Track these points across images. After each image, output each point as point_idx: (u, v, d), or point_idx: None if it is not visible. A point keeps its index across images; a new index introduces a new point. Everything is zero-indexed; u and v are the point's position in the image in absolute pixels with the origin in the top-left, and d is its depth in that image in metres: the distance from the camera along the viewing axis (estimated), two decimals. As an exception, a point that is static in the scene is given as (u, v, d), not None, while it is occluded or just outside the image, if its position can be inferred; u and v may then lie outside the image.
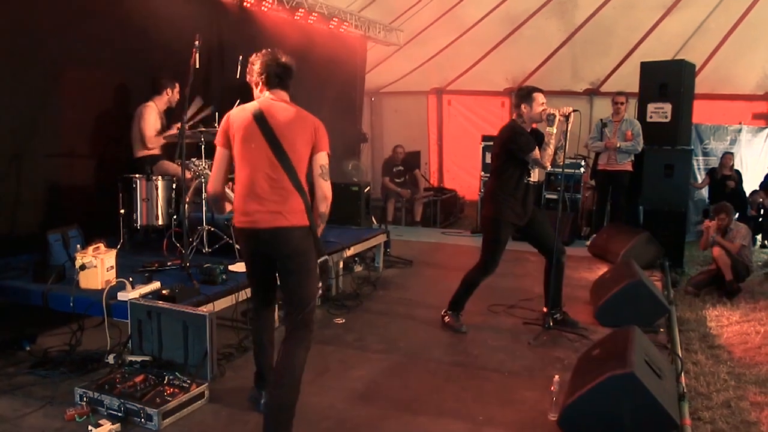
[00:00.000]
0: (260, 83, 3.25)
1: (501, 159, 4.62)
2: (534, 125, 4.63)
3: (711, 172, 9.18)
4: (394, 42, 10.43)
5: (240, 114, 3.16)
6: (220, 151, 3.20)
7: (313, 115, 3.22)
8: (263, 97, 3.22)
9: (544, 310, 4.85)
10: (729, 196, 8.51)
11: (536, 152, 4.43)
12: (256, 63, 3.27)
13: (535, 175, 4.64)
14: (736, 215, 8.13)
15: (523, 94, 4.57)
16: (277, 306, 3.67)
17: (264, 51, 3.28)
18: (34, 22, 4.94)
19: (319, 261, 3.14)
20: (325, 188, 3.14)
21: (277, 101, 3.18)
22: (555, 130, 4.44)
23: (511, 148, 4.52)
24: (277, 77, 3.21)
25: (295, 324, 3.06)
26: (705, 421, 3.76)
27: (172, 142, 5.64)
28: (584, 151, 8.56)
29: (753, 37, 9.58)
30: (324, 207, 3.16)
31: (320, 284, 3.22)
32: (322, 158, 3.14)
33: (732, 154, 9.11)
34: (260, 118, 3.09)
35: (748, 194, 9.03)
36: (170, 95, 5.77)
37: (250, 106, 3.17)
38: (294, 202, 3.06)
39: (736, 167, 9.30)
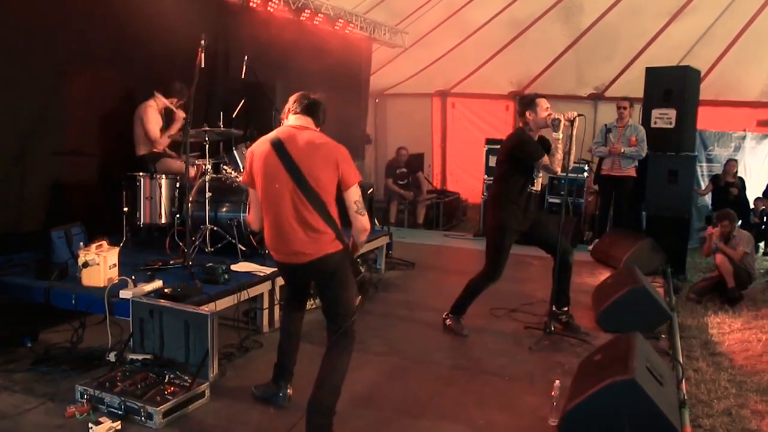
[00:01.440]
0: (288, 111, 3.27)
1: (506, 166, 4.61)
2: (540, 132, 4.62)
3: (714, 179, 9.16)
4: (399, 44, 10.44)
5: (260, 148, 3.16)
6: (251, 193, 3.26)
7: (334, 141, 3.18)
8: (285, 124, 3.24)
9: (553, 309, 4.82)
10: (732, 203, 8.50)
11: (545, 159, 4.44)
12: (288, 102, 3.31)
13: (537, 185, 4.65)
14: (739, 222, 8.12)
15: (527, 102, 4.57)
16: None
17: None
18: (38, 22, 4.96)
19: (357, 279, 3.26)
20: (363, 223, 3.14)
21: (299, 128, 3.16)
22: (561, 135, 4.43)
23: (519, 156, 4.52)
24: (304, 104, 3.23)
25: (339, 334, 3.13)
26: (705, 428, 3.75)
27: (177, 141, 5.65)
28: (588, 155, 8.55)
29: (758, 44, 9.59)
30: (363, 238, 3.23)
31: (359, 297, 3.32)
32: (354, 193, 3.10)
33: (736, 160, 9.10)
34: (279, 147, 3.07)
35: (751, 201, 9.01)
36: (173, 103, 5.75)
37: (270, 135, 3.17)
38: (325, 236, 3.08)
39: (739, 174, 9.29)
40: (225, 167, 4.20)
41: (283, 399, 3.52)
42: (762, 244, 8.97)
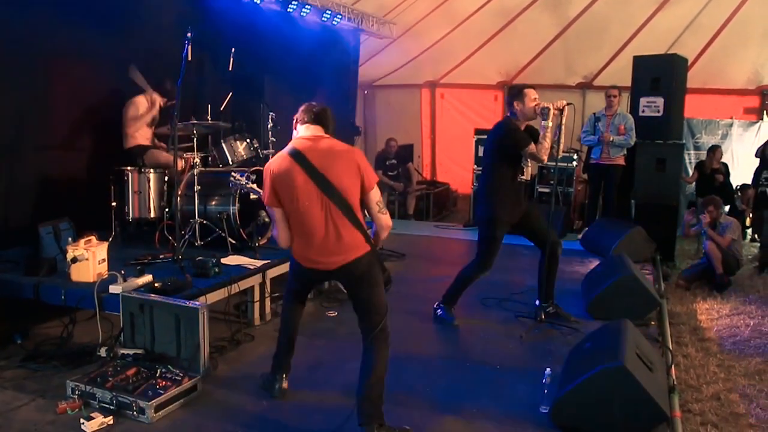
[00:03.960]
0: (297, 122, 3.29)
1: (494, 157, 4.60)
2: (528, 123, 4.62)
3: (699, 166, 9.21)
4: (387, 35, 10.40)
5: (280, 164, 3.13)
6: (275, 212, 3.20)
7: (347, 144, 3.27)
8: (297, 136, 3.25)
9: (537, 302, 4.87)
10: (717, 189, 8.56)
11: (532, 146, 4.43)
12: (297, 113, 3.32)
13: (527, 174, 4.65)
14: (726, 208, 8.20)
15: (515, 92, 4.56)
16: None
17: None
18: (24, 16, 4.90)
19: (384, 276, 3.29)
20: (385, 221, 3.23)
21: (313, 138, 3.18)
22: (550, 124, 4.43)
23: (506, 144, 4.51)
24: (313, 113, 3.24)
25: (376, 331, 3.16)
26: (695, 413, 3.79)
27: (164, 134, 5.61)
28: (577, 144, 8.58)
29: (744, 32, 9.64)
30: (385, 236, 3.30)
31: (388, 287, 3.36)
32: (376, 194, 3.19)
33: (720, 147, 9.14)
34: (300, 158, 3.09)
35: (736, 186, 9.09)
36: (159, 101, 5.71)
37: (286, 149, 3.17)
38: (354, 237, 3.12)
39: (726, 161, 9.36)
40: (234, 174, 4.05)
41: (278, 392, 3.53)
42: (749, 231, 9.06)
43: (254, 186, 4.02)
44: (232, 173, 4.06)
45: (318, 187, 3.06)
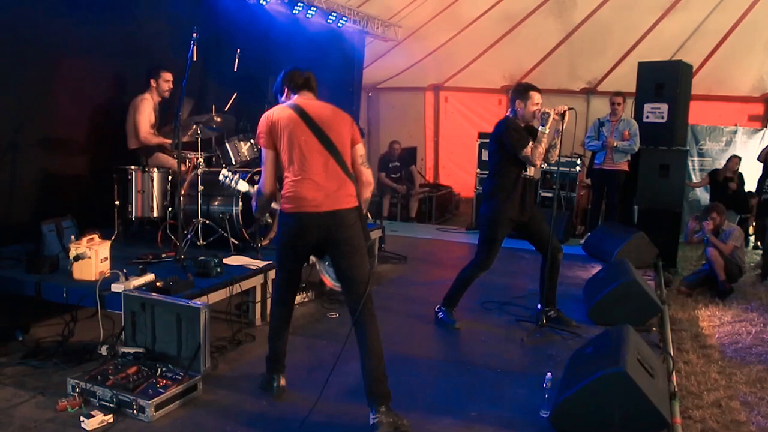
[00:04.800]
0: (286, 90, 3.44)
1: (498, 156, 4.61)
2: (527, 125, 4.62)
3: (713, 174, 9.20)
4: (392, 38, 10.41)
5: (281, 112, 3.29)
6: (267, 153, 3.32)
7: None
8: (293, 99, 3.38)
9: (539, 306, 4.87)
10: (730, 198, 8.56)
11: (528, 149, 4.43)
12: (279, 77, 3.48)
13: (531, 170, 4.64)
14: (737, 218, 8.18)
15: (520, 91, 4.57)
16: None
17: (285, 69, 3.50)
18: (29, 12, 4.92)
19: (367, 244, 3.35)
20: (368, 175, 3.43)
21: (309, 100, 3.37)
22: (547, 130, 4.43)
23: (505, 144, 4.52)
24: (302, 80, 3.41)
25: (362, 302, 3.21)
26: (695, 420, 3.78)
27: (161, 143, 5.60)
28: (580, 149, 8.58)
29: (750, 39, 9.62)
30: (369, 192, 3.46)
31: (370, 261, 3.40)
32: (361, 149, 3.41)
33: (739, 158, 9.12)
34: (303, 114, 3.27)
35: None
36: (156, 86, 5.65)
37: (288, 105, 3.33)
38: (348, 186, 3.27)
39: (725, 165, 9.36)
40: (224, 172, 4.04)
41: (276, 390, 3.55)
42: (752, 238, 9.04)
43: (243, 181, 3.99)
44: (222, 171, 4.04)
45: (318, 139, 3.24)
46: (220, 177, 4.02)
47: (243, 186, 3.98)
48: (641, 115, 7.69)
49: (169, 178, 5.38)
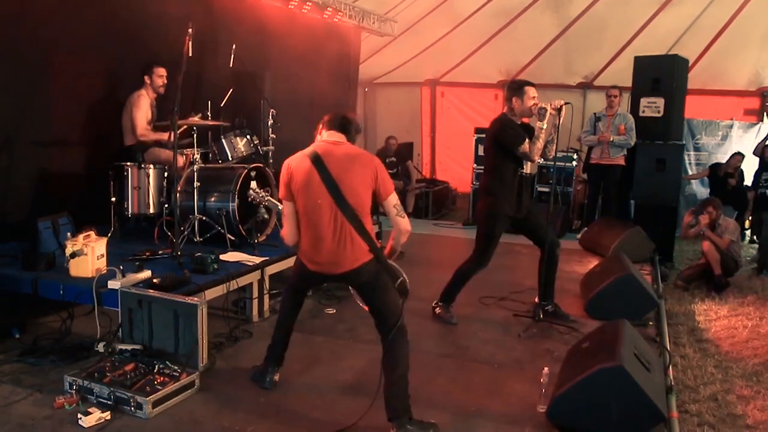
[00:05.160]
0: (322, 127, 3.39)
1: (494, 152, 4.61)
2: (525, 120, 4.62)
3: (714, 167, 9.21)
4: (388, 33, 10.39)
5: (299, 163, 3.24)
6: (287, 206, 3.32)
7: (366, 151, 3.44)
8: (320, 140, 3.35)
9: (536, 301, 4.87)
10: (729, 193, 8.58)
11: (525, 145, 4.43)
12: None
13: (528, 167, 4.64)
14: (735, 214, 8.19)
15: (515, 87, 4.56)
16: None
17: None
18: (24, 9, 4.89)
19: (396, 284, 3.37)
20: (405, 225, 3.34)
21: (333, 143, 3.28)
22: (545, 125, 4.43)
23: (501, 141, 4.52)
24: (337, 121, 3.36)
25: (393, 333, 3.21)
26: (692, 413, 3.80)
27: (158, 139, 5.59)
28: (577, 144, 8.58)
29: (745, 34, 9.63)
30: (404, 239, 3.40)
31: (402, 298, 3.40)
32: (394, 199, 3.29)
33: (742, 156, 9.13)
34: (318, 162, 3.18)
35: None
36: (150, 82, 5.63)
37: (308, 151, 3.26)
38: (359, 247, 3.20)
39: (727, 161, 9.37)
40: (254, 188, 4.05)
41: (270, 384, 3.57)
42: (748, 232, 9.06)
43: (271, 198, 4.01)
44: (252, 185, 4.07)
45: (330, 194, 3.14)
46: (250, 192, 4.03)
47: (272, 203, 3.99)
48: (637, 109, 7.69)
49: (166, 174, 5.37)
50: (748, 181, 9.20)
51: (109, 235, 4.87)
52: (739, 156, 9.11)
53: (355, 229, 3.17)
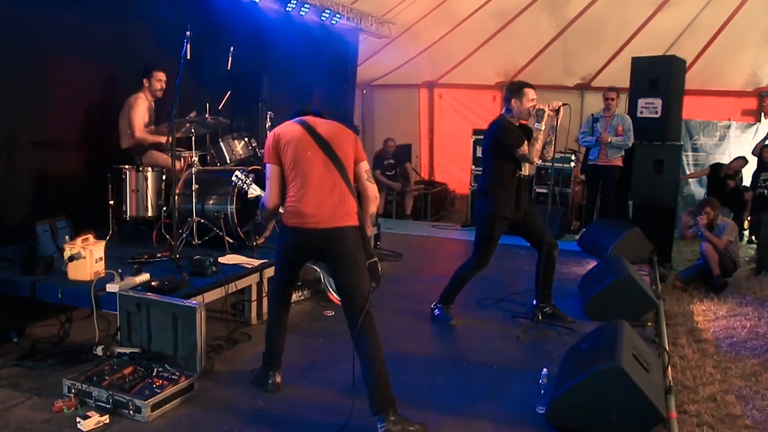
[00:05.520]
0: (296, 113, 3.53)
1: (492, 154, 4.61)
2: (523, 122, 4.63)
3: (715, 167, 9.21)
4: (386, 34, 10.40)
5: (288, 128, 3.37)
6: (272, 168, 3.36)
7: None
8: (300, 118, 3.45)
9: (534, 302, 4.87)
10: (727, 195, 8.59)
11: (524, 147, 4.44)
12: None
13: (526, 169, 4.64)
14: (732, 215, 8.21)
15: (514, 89, 4.57)
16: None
17: None
18: (22, 12, 4.89)
19: (368, 262, 3.35)
20: (374, 190, 3.49)
21: (316, 118, 3.44)
22: (543, 127, 4.44)
23: (500, 143, 4.52)
24: (312, 111, 3.52)
25: (361, 317, 3.21)
26: (691, 414, 3.80)
27: (156, 141, 5.59)
28: (575, 145, 8.58)
29: (743, 34, 9.64)
30: (374, 207, 3.50)
31: (373, 284, 3.37)
32: (366, 165, 3.48)
33: (746, 161, 9.15)
34: (310, 129, 3.34)
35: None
36: (148, 85, 5.62)
37: (296, 121, 3.41)
38: (349, 203, 3.29)
39: (724, 161, 9.39)
40: (237, 174, 4.09)
41: (272, 386, 3.57)
42: (746, 233, 9.08)
43: (255, 186, 4.01)
44: (236, 172, 4.07)
45: (322, 151, 3.28)
46: (233, 178, 4.05)
47: (255, 190, 3.99)
48: (635, 110, 7.70)
49: (164, 177, 5.37)
50: (746, 181, 9.22)
51: (108, 238, 4.86)
52: (742, 160, 9.13)
53: (347, 187, 3.28)
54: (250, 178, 4.04)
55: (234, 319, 4.61)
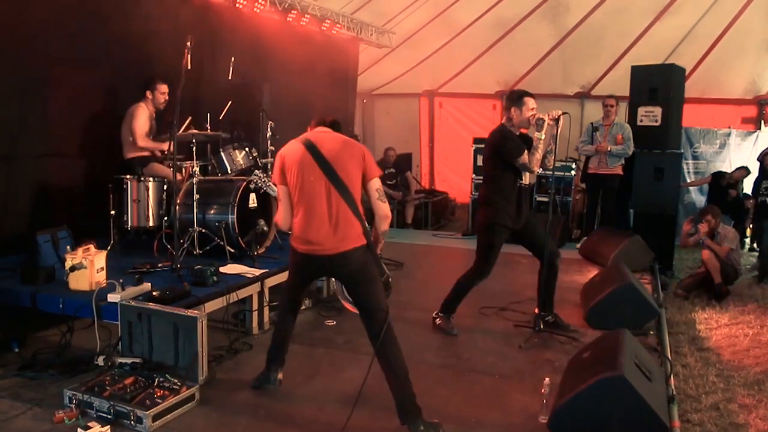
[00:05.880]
0: (313, 125, 3.54)
1: (493, 163, 4.62)
2: (524, 130, 4.64)
3: (716, 176, 9.21)
4: (386, 44, 10.44)
5: (292, 148, 3.38)
6: (281, 190, 3.41)
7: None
8: (311, 131, 3.47)
9: (536, 311, 4.87)
10: (729, 203, 8.59)
11: (525, 156, 4.44)
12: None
13: (526, 178, 4.65)
14: (732, 223, 8.21)
15: (514, 98, 4.58)
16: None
17: None
18: (23, 22, 4.91)
19: (382, 278, 3.41)
20: (385, 209, 3.41)
21: (322, 132, 3.44)
22: (543, 136, 4.45)
23: (500, 153, 4.53)
24: (328, 120, 3.52)
25: (383, 332, 3.25)
26: (694, 423, 3.79)
27: (158, 149, 5.60)
28: (575, 154, 8.59)
29: (741, 42, 9.68)
30: (386, 226, 3.45)
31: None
32: (377, 183, 3.40)
33: (748, 171, 9.15)
34: (312, 147, 3.31)
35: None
36: (152, 97, 5.64)
37: (300, 138, 3.39)
38: (353, 227, 3.29)
39: (725, 170, 9.39)
40: (257, 173, 4.30)
41: (274, 382, 3.65)
42: (748, 240, 9.07)
43: (273, 185, 4.09)
44: (255, 171, 4.16)
45: (325, 175, 3.26)
46: (253, 176, 4.17)
47: (273, 190, 4.07)
48: (635, 118, 7.70)
49: (165, 187, 5.37)
50: (747, 189, 9.22)
51: (109, 248, 4.85)
52: (744, 170, 9.13)
53: (349, 208, 3.26)
54: (269, 178, 4.11)
55: (235, 329, 4.60)
